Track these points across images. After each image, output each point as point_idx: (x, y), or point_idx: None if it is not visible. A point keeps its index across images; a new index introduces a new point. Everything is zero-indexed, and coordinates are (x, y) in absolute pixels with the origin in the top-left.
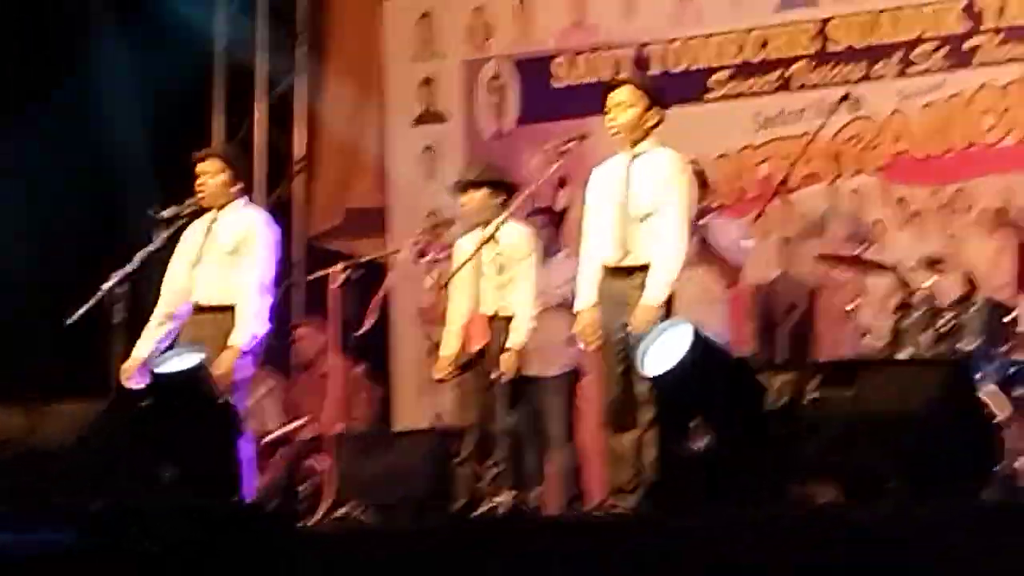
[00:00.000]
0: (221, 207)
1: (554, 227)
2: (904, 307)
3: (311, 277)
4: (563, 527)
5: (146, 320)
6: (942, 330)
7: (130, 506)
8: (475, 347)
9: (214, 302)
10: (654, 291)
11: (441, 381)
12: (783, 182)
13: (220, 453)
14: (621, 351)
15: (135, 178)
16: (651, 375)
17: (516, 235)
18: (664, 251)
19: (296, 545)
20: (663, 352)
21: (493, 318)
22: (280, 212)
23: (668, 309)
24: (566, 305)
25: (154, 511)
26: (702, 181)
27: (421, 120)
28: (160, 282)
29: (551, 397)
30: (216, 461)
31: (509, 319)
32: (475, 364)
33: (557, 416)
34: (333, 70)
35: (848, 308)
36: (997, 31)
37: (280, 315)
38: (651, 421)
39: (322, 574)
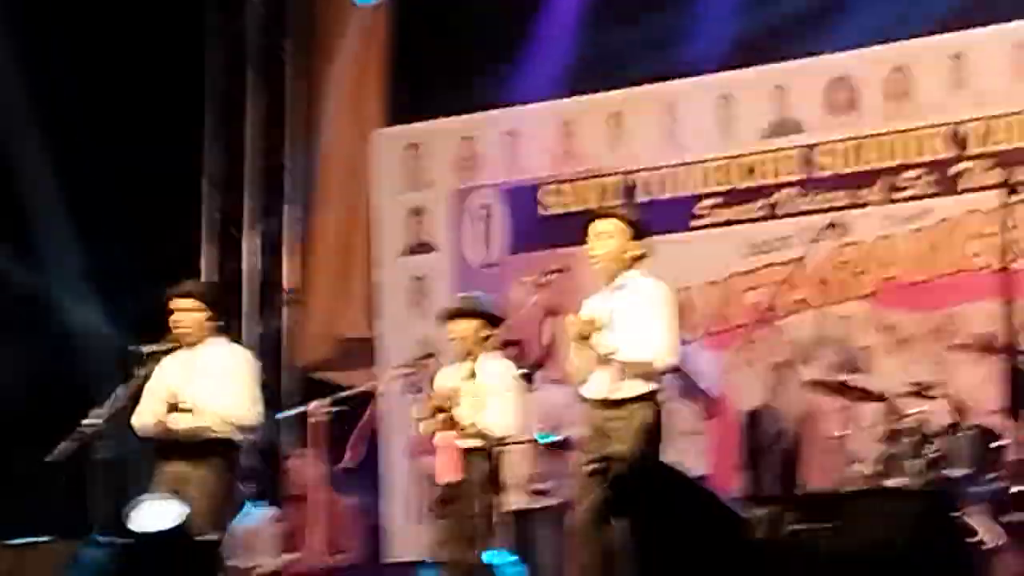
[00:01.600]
0: (197, 343)
1: (527, 361)
2: (893, 434)
3: (295, 411)
4: None
5: (129, 460)
6: (931, 457)
7: None
8: (450, 481)
9: (193, 434)
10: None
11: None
12: (770, 308)
13: None
14: (597, 481)
15: None
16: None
17: (496, 367)
18: (649, 352)
19: None
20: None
21: (469, 451)
22: (271, 342)
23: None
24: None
25: None
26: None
27: (410, 251)
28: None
29: (540, 530)
30: None
31: (486, 451)
32: (453, 499)
33: (547, 548)
34: (322, 200)
35: (837, 435)
36: (982, 156)
37: (271, 447)
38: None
39: None
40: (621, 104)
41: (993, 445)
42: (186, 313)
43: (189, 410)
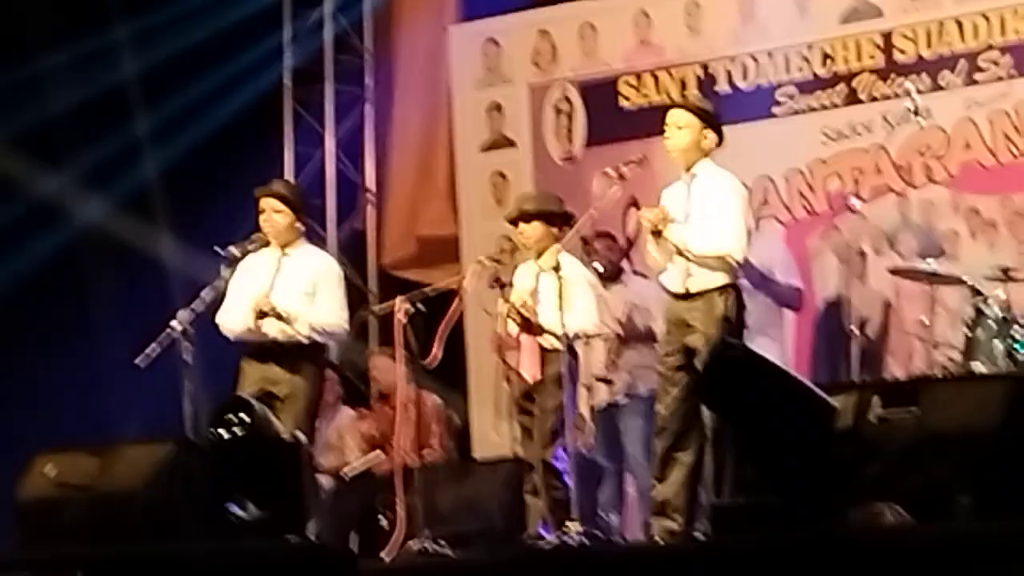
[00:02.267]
0: (286, 245)
1: (617, 252)
2: (978, 318)
3: (378, 311)
4: (632, 555)
5: (215, 358)
6: (1017, 340)
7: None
8: (532, 379)
9: (284, 338)
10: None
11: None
12: (853, 194)
13: (290, 492)
14: (680, 374)
15: None
16: None
17: (572, 265)
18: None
19: None
20: None
21: (550, 350)
22: (353, 242)
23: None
24: (638, 333)
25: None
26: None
27: (490, 146)
28: None
29: (629, 419)
30: (286, 500)
31: (566, 349)
32: (532, 397)
33: (635, 438)
34: (401, 99)
35: (921, 321)
36: None
37: (357, 347)
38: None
39: None
40: None
41: None
42: (276, 214)
43: (280, 316)
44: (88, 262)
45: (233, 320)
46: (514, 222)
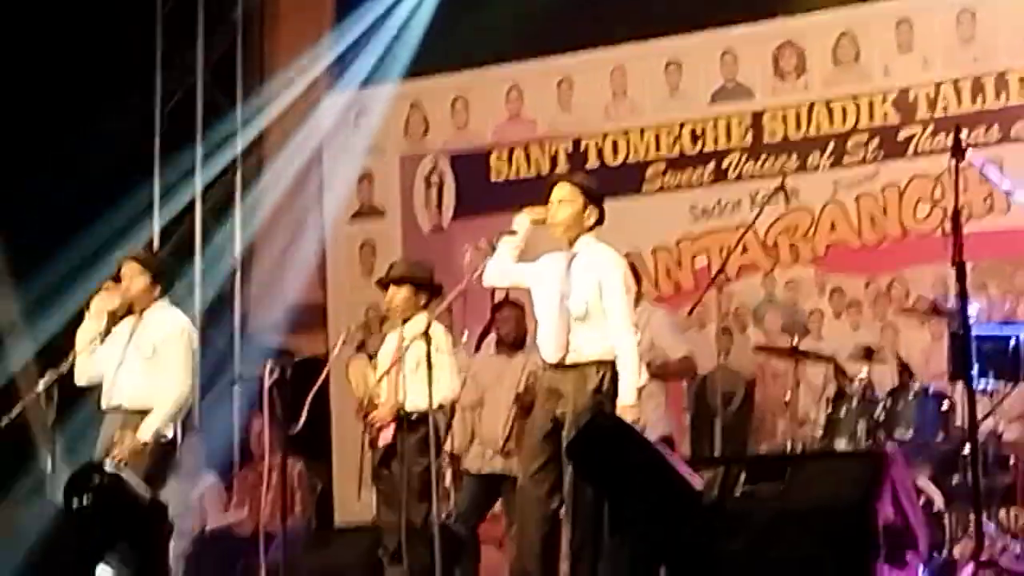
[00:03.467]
0: (142, 311)
1: (522, 320)
2: (840, 397)
3: (246, 376)
4: None
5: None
6: (878, 419)
7: None
8: (382, 443)
9: (134, 406)
10: (628, 394)
11: None
12: (719, 273)
13: (151, 551)
14: (547, 442)
15: None
16: None
17: (436, 333)
18: (624, 353)
19: None
20: None
21: (409, 415)
22: (219, 309)
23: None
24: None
25: None
26: (634, 271)
27: (359, 215)
28: None
29: (509, 493)
30: (148, 559)
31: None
32: (390, 462)
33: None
34: (273, 166)
35: (785, 399)
36: (930, 121)
37: (220, 413)
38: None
39: None
40: (569, 69)
41: (940, 408)
42: (128, 280)
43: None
44: None
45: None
46: (384, 286)
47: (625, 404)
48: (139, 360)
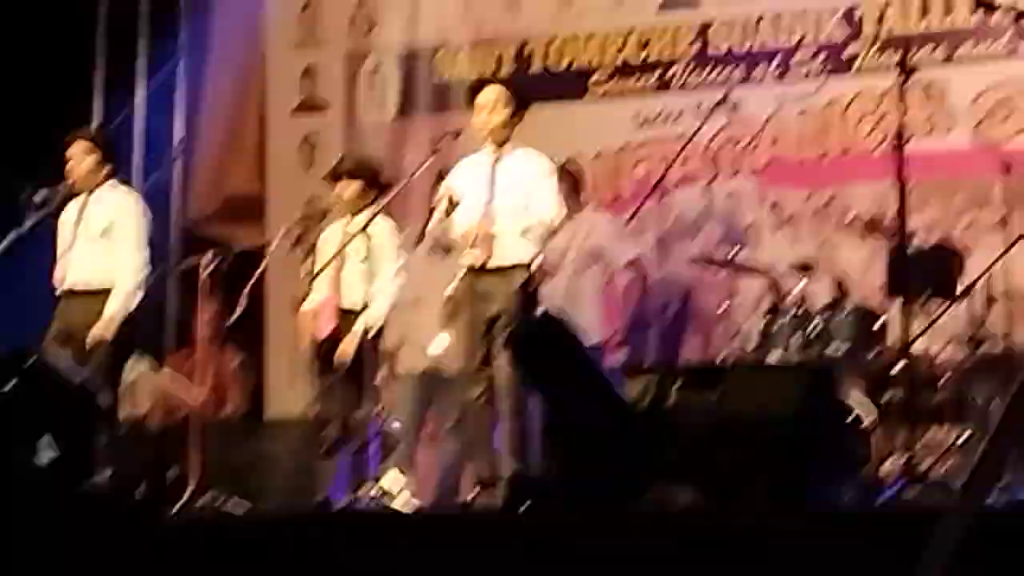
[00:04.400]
0: (91, 190)
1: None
2: (774, 310)
3: (184, 265)
4: (419, 522)
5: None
6: (811, 334)
7: None
8: (323, 335)
9: (86, 286)
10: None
11: None
12: (659, 182)
13: (79, 438)
14: (484, 344)
15: None
16: None
17: (382, 229)
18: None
19: (156, 534)
20: None
21: (347, 311)
22: (157, 197)
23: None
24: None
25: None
26: (577, 180)
27: (301, 109)
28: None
29: (443, 392)
30: (75, 446)
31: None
32: (327, 353)
33: (445, 410)
34: (215, 56)
35: (719, 310)
36: (875, 39)
37: (154, 301)
38: (514, 416)
39: (182, 563)
40: None
41: (874, 325)
42: (77, 159)
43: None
44: None
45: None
46: (333, 179)
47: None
48: (91, 241)
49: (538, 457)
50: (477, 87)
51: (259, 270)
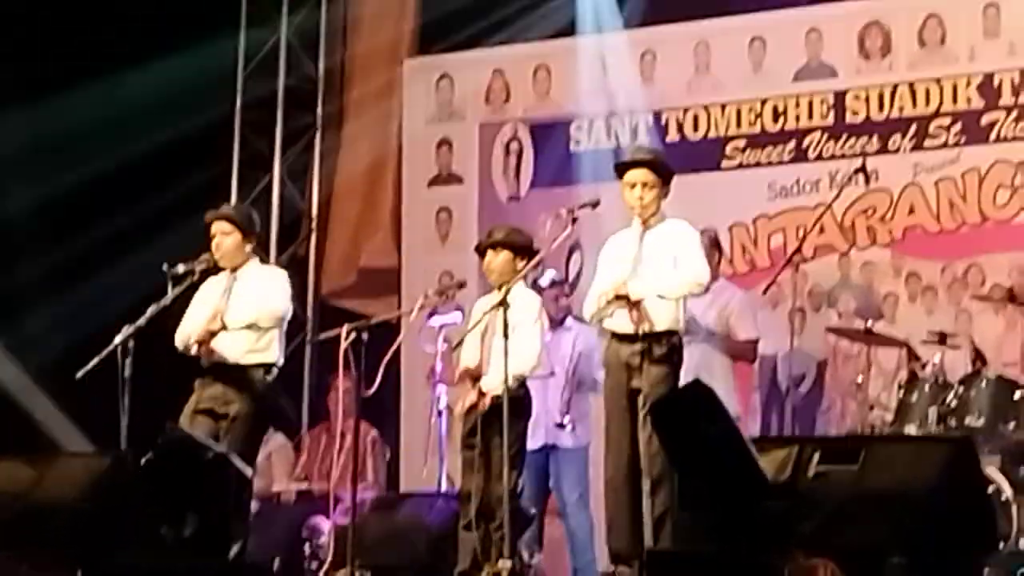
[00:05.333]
0: (236, 268)
1: (565, 299)
2: (912, 381)
3: (323, 337)
4: None
5: (152, 375)
6: (950, 406)
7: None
8: (466, 408)
9: (232, 360)
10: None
11: None
12: (795, 252)
13: (224, 511)
14: (627, 417)
15: None
16: None
17: (526, 299)
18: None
19: None
20: None
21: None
22: (294, 270)
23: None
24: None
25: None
26: (716, 244)
27: (437, 181)
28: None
29: (567, 465)
30: (219, 519)
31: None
32: (476, 428)
33: (572, 483)
34: (351, 129)
35: (857, 381)
36: (1014, 107)
37: (290, 375)
38: (654, 489)
39: None
40: (653, 42)
41: (1013, 396)
42: (225, 236)
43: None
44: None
45: (186, 338)
46: (482, 251)
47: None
48: (247, 298)
49: (676, 532)
50: (627, 165)
51: (396, 342)
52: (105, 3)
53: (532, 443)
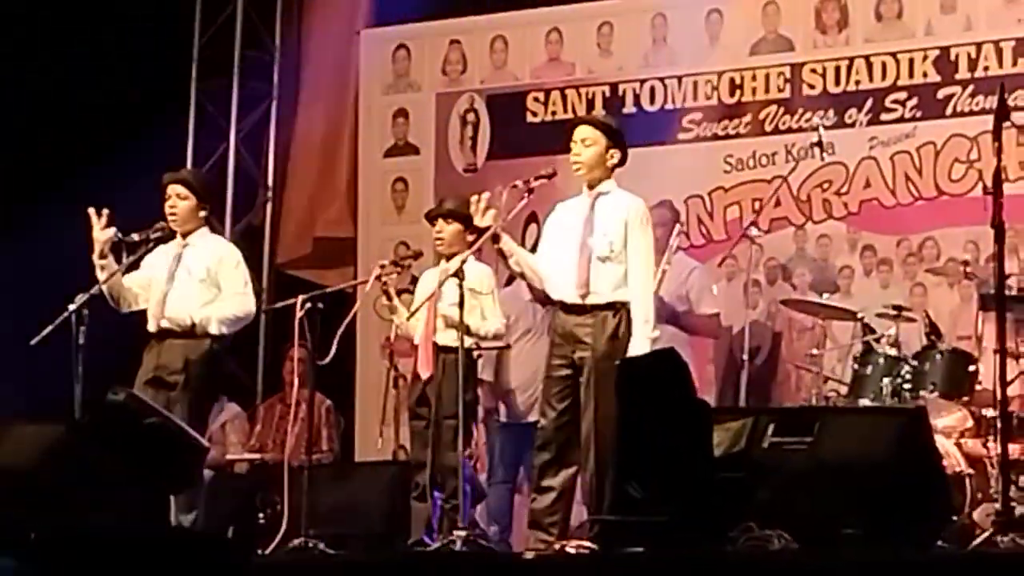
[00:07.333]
0: (188, 233)
1: None
2: (867, 354)
3: (278, 306)
4: (513, 565)
5: (106, 341)
6: (904, 378)
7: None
8: (423, 375)
9: (182, 327)
10: (640, 342)
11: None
12: (751, 225)
13: (176, 479)
14: (566, 388)
15: None
16: None
17: (478, 272)
18: (639, 300)
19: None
20: None
21: (444, 349)
22: (250, 239)
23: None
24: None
25: (105, 536)
26: (674, 215)
27: (393, 151)
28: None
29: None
30: (171, 486)
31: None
32: (425, 395)
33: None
34: (307, 99)
35: (811, 353)
36: (970, 81)
37: (244, 344)
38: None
39: None
40: (610, 13)
41: (967, 369)
42: (181, 200)
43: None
44: None
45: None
46: (432, 219)
47: (636, 353)
48: (192, 283)
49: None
50: (574, 124)
51: (352, 312)
52: None
53: (531, 416)
